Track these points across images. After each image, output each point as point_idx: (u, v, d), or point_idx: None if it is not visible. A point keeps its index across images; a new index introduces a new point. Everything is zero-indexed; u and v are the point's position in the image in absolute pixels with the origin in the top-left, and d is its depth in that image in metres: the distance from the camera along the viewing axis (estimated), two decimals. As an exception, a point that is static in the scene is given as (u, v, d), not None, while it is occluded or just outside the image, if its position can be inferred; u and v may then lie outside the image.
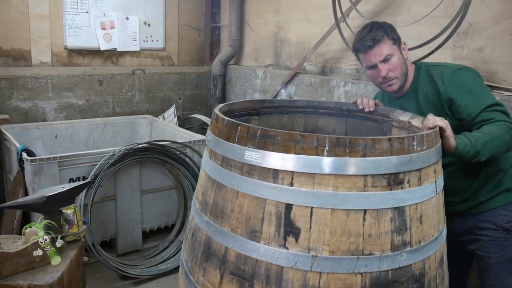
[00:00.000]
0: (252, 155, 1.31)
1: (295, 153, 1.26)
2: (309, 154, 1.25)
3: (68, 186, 2.09)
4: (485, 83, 2.58)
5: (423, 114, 1.81)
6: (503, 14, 2.51)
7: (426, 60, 2.76)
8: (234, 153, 1.36)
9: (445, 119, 1.69)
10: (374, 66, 1.81)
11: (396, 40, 1.82)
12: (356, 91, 3.16)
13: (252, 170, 1.32)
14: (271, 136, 1.29)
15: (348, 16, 3.17)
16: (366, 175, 1.25)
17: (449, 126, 1.48)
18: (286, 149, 1.27)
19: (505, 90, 2.55)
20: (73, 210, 2.05)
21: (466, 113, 1.67)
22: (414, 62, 1.97)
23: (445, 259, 1.50)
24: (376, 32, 1.78)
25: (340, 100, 3.26)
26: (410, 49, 2.82)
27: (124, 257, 3.09)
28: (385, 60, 1.78)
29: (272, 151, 1.28)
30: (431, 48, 2.67)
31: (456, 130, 1.50)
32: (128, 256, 3.12)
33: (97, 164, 2.80)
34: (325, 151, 1.24)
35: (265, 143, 1.30)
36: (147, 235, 3.29)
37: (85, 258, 2.13)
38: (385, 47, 1.77)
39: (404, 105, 1.94)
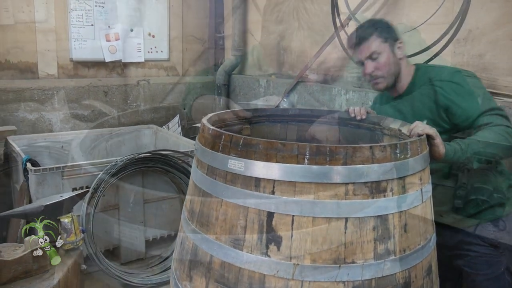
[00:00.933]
0: (235, 164, 1.32)
1: (276, 162, 1.26)
2: (290, 163, 1.25)
3: (66, 195, 2.13)
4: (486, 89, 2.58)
5: (417, 115, 1.78)
6: (503, 19, 2.48)
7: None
8: (218, 162, 1.38)
9: (440, 123, 1.66)
10: (362, 62, 1.80)
11: (388, 39, 1.79)
12: (357, 99, 3.15)
13: (235, 179, 1.33)
14: (253, 145, 1.30)
15: (348, 24, 3.18)
16: (347, 183, 1.25)
17: (438, 134, 1.47)
18: (267, 158, 1.28)
19: (506, 97, 2.51)
20: (70, 218, 2.08)
21: (464, 116, 1.64)
22: (415, 64, 1.95)
23: (434, 268, 1.47)
24: (366, 29, 1.77)
25: (341, 109, 3.26)
26: (409, 56, 2.82)
27: (128, 265, 3.11)
28: (372, 57, 1.76)
29: (254, 159, 1.29)
30: (431, 55, 2.66)
31: (452, 133, 1.48)
32: (131, 265, 3.14)
33: (100, 173, 2.84)
34: (306, 159, 1.24)
35: (247, 152, 1.31)
36: (151, 243, 3.30)
37: (83, 266, 2.16)
38: (373, 45, 1.75)
39: (399, 106, 1.91)
